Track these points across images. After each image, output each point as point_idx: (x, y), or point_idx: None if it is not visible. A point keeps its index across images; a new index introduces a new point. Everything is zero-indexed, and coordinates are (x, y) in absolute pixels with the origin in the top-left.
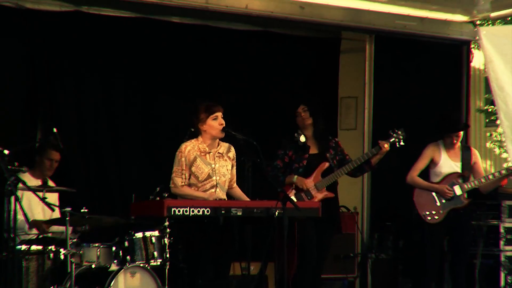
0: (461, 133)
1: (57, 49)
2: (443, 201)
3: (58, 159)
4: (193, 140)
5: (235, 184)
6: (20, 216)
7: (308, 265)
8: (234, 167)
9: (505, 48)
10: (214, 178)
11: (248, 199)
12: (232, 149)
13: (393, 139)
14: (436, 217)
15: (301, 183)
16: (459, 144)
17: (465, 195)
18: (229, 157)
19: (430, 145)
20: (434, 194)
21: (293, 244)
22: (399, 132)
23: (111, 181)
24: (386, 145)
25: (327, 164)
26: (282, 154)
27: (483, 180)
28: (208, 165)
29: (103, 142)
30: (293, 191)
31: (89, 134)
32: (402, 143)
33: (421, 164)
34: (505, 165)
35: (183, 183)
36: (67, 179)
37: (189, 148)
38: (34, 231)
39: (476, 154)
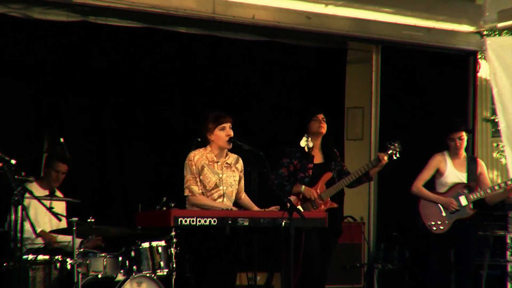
0: (465, 138)
1: (63, 59)
2: (449, 211)
3: (65, 171)
4: (201, 149)
5: (244, 195)
6: (27, 225)
7: (313, 275)
8: (242, 180)
9: (509, 59)
10: (221, 188)
11: (257, 208)
12: (240, 160)
13: (391, 151)
14: (442, 228)
15: (309, 193)
16: (464, 154)
17: (471, 206)
18: (237, 168)
19: (436, 155)
20: (439, 205)
21: (298, 254)
22: (396, 145)
23: (116, 191)
24: (385, 157)
25: (330, 174)
26: (287, 163)
27: (488, 191)
28: (216, 175)
29: (107, 152)
30: (299, 201)
31: (93, 143)
32: (398, 155)
33: (427, 174)
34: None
35: (200, 190)
36: (72, 189)
37: (198, 156)
38: (40, 239)
39: (482, 165)
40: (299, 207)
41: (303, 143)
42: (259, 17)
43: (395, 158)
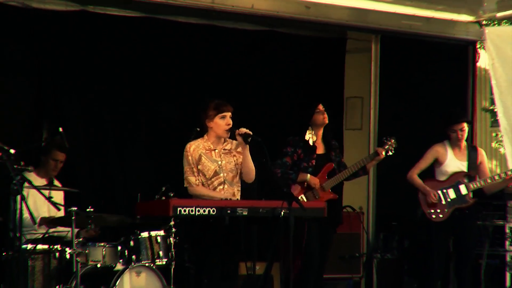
0: (466, 128)
1: (62, 49)
2: (448, 199)
3: (63, 160)
4: (198, 140)
5: None
6: (26, 214)
7: (311, 265)
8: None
9: (507, 49)
10: (221, 174)
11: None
12: None
13: (387, 146)
14: (441, 216)
15: (313, 182)
16: (465, 143)
17: (471, 195)
18: (238, 153)
19: (435, 146)
20: (439, 192)
21: (299, 245)
22: (392, 141)
23: (116, 180)
24: (383, 152)
25: (332, 165)
26: (291, 152)
27: (489, 181)
28: (214, 162)
29: (107, 142)
30: (303, 190)
31: (93, 134)
32: (393, 152)
33: (423, 164)
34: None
35: (197, 181)
36: (72, 179)
37: (194, 147)
38: (41, 229)
39: (482, 154)
40: (302, 196)
41: (307, 136)
42: (258, 7)
43: (390, 154)
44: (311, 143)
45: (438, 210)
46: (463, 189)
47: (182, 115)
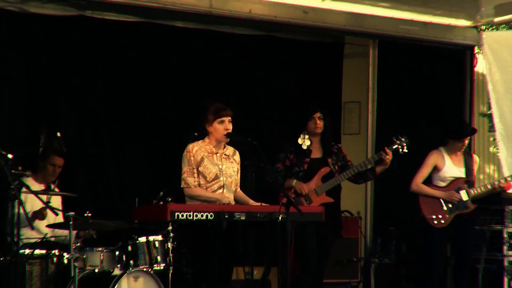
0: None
1: (60, 54)
2: (450, 205)
3: (61, 165)
4: (199, 142)
5: (238, 189)
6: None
7: (309, 270)
8: (239, 172)
9: (504, 54)
10: (221, 178)
11: (252, 201)
12: (237, 153)
13: (396, 145)
14: (443, 222)
15: (299, 188)
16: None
17: (471, 201)
18: (235, 160)
19: (433, 152)
20: (441, 199)
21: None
22: (403, 139)
23: (113, 185)
24: (389, 153)
25: (327, 169)
26: (283, 157)
27: (489, 187)
28: (216, 166)
29: (104, 146)
30: (293, 195)
31: (90, 138)
32: (405, 150)
33: (425, 172)
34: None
35: (196, 182)
36: (69, 183)
37: (196, 148)
38: (37, 230)
39: (476, 162)
40: None
41: (300, 141)
42: (256, 12)
43: (401, 152)
44: (304, 147)
45: (440, 216)
46: (463, 195)
47: (179, 119)
